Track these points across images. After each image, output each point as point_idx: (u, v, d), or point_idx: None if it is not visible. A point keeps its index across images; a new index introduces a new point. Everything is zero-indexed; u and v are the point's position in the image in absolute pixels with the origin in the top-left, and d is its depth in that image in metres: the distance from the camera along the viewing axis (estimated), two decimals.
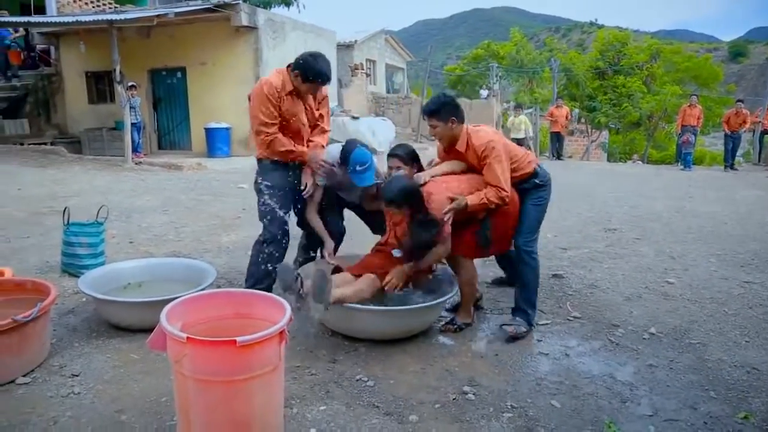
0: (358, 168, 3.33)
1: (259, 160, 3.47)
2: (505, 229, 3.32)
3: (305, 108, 3.41)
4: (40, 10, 14.36)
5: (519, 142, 13.33)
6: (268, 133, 3.28)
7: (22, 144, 12.38)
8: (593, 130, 24.17)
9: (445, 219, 3.03)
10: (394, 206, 3.05)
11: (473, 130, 3.26)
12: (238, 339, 1.87)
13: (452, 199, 3.07)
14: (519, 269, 3.42)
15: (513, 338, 3.23)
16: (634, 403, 2.58)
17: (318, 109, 3.52)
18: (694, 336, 3.34)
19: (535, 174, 3.38)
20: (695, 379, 2.82)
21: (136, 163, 11.04)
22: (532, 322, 3.38)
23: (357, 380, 2.72)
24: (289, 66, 3.30)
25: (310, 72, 3.20)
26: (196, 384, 1.94)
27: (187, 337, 1.89)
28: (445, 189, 3.13)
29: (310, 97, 3.43)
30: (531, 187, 3.39)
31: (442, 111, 3.19)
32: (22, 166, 10.11)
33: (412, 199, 3.01)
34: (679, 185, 10.48)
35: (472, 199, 3.09)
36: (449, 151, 3.36)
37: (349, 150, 3.38)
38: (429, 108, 3.24)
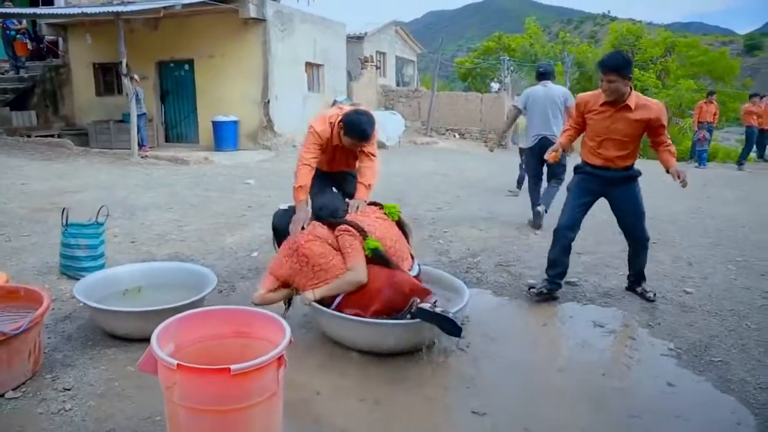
0: None
1: None
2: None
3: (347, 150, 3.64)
4: (49, 1, 14.26)
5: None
6: (301, 161, 3.51)
7: (29, 136, 12.32)
8: None
9: None
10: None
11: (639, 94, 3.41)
12: (232, 367, 1.74)
13: None
14: (642, 253, 4.04)
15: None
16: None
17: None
18: (715, 353, 3.17)
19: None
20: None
21: (142, 157, 10.95)
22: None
23: (361, 401, 2.59)
24: (339, 117, 3.46)
25: (351, 130, 3.38)
26: (187, 412, 1.82)
27: (178, 364, 1.76)
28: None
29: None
30: (636, 175, 3.83)
31: (628, 69, 3.25)
32: (28, 160, 10.04)
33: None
34: (694, 184, 10.18)
35: None
36: (608, 106, 3.47)
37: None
38: (616, 63, 3.25)
